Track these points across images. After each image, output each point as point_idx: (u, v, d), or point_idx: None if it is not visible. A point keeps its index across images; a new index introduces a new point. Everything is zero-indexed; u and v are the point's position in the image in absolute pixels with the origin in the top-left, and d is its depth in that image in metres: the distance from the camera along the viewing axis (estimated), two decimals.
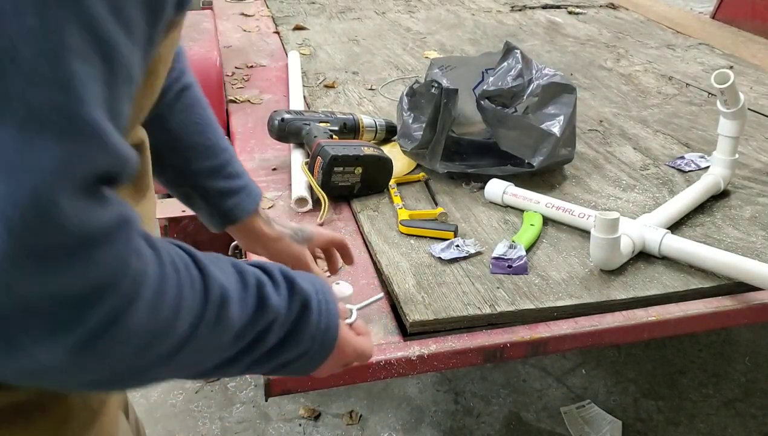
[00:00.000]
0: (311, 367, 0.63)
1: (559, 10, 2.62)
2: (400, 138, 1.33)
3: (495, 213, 1.18)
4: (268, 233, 0.84)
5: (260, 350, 0.56)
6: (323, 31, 2.27)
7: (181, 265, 0.48)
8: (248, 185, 0.83)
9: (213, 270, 0.51)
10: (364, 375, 0.85)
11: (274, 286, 0.57)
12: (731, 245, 1.10)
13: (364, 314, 0.93)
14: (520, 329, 0.91)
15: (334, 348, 0.63)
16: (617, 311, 0.95)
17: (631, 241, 1.03)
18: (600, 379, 2.08)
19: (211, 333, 0.50)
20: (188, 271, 0.49)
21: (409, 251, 1.06)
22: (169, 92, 0.77)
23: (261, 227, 0.84)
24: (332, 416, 1.93)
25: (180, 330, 0.47)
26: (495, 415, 1.95)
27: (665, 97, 1.77)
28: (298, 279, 0.61)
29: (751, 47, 2.20)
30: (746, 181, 1.31)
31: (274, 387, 0.82)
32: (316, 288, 0.62)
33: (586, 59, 2.06)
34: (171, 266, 0.47)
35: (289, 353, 0.60)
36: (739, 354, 2.20)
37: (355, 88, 1.77)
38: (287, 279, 0.59)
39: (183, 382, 2.05)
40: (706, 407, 1.99)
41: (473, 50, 2.10)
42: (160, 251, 0.47)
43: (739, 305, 0.98)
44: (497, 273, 1.01)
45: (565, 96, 1.28)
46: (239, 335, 0.53)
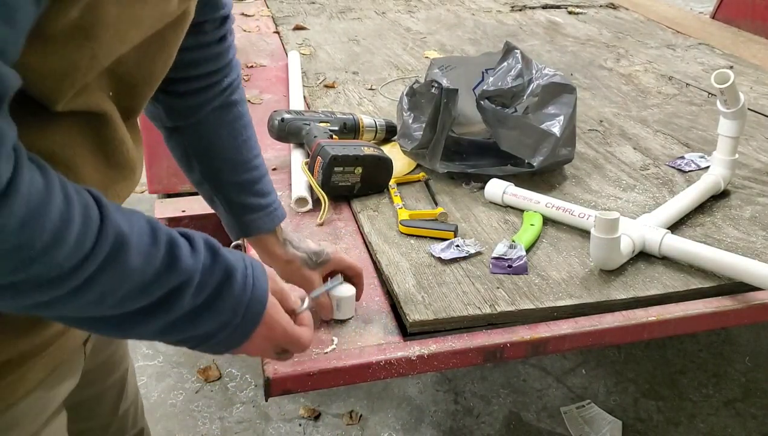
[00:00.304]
0: (234, 342, 0.64)
1: (559, 10, 2.62)
2: (400, 138, 1.33)
3: (495, 213, 1.18)
4: (280, 255, 0.87)
5: (175, 311, 0.57)
6: (323, 31, 2.27)
7: (77, 198, 0.49)
8: (272, 206, 0.87)
9: (117, 216, 0.52)
10: (364, 375, 0.85)
11: (192, 250, 0.58)
12: (731, 245, 1.10)
13: (365, 314, 0.93)
14: (520, 329, 0.91)
15: (258, 324, 0.64)
16: (617, 311, 0.95)
17: (631, 241, 1.03)
18: (600, 379, 2.08)
19: (109, 275, 0.51)
20: (85, 208, 0.49)
21: (409, 251, 1.06)
22: (215, 101, 0.81)
23: (274, 247, 0.87)
24: (332, 416, 1.93)
25: (62, 259, 0.48)
26: (495, 415, 1.95)
27: (665, 97, 1.77)
28: (225, 251, 0.61)
29: (751, 47, 2.20)
30: (746, 181, 1.31)
31: (274, 387, 0.82)
32: (246, 263, 0.63)
33: (586, 59, 2.06)
34: (61, 194, 0.48)
35: (209, 323, 0.60)
36: (739, 354, 2.20)
37: (355, 88, 1.77)
38: (210, 248, 0.60)
39: (183, 382, 2.05)
40: (706, 407, 1.99)
41: (473, 50, 2.10)
42: (50, 177, 0.48)
43: (739, 305, 0.98)
44: (497, 273, 1.01)
45: (565, 96, 1.28)
46: (146, 288, 0.54)
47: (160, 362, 2.14)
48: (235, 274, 0.61)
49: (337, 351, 0.85)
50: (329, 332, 0.89)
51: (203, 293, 0.59)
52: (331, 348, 0.86)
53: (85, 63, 0.53)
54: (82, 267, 0.49)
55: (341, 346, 0.86)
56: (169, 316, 0.57)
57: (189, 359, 2.15)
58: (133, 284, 0.53)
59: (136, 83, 0.64)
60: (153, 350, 2.19)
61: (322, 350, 0.85)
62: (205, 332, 0.61)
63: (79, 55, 0.52)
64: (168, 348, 2.19)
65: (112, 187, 0.64)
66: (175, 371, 2.10)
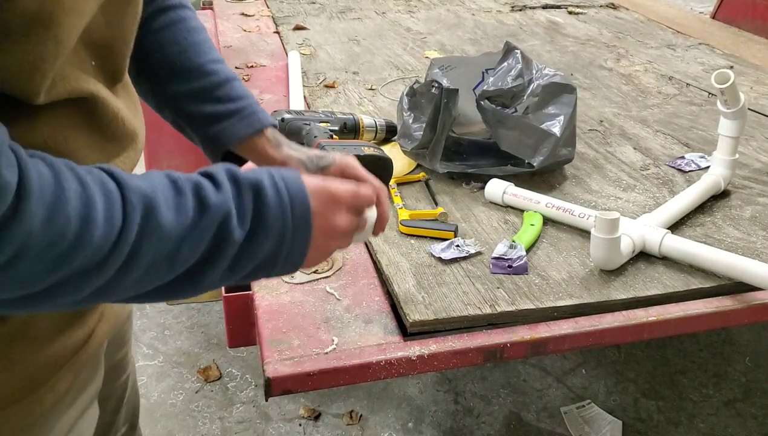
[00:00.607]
0: (300, 248, 0.61)
1: (560, 10, 2.62)
2: (400, 138, 1.33)
3: (495, 213, 1.18)
4: (273, 156, 0.79)
5: (229, 248, 0.56)
6: (323, 31, 2.27)
7: (90, 178, 0.48)
8: (246, 110, 0.79)
9: (134, 182, 0.51)
10: (364, 375, 0.86)
11: (216, 186, 0.56)
12: (731, 245, 1.10)
13: (365, 314, 0.93)
14: (520, 329, 0.91)
15: (310, 218, 0.60)
16: (617, 311, 0.95)
17: (632, 241, 1.03)
18: (600, 379, 2.08)
19: (149, 239, 0.50)
20: (102, 184, 0.49)
21: (409, 251, 1.06)
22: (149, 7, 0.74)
23: (266, 150, 0.79)
24: (332, 416, 1.93)
25: (98, 240, 0.47)
26: (495, 415, 1.95)
27: (665, 97, 1.77)
28: (247, 173, 0.59)
29: (751, 47, 2.20)
30: (746, 181, 1.31)
31: (274, 387, 0.82)
32: (271, 172, 0.60)
33: (587, 59, 2.06)
34: (74, 178, 0.47)
35: (266, 242, 0.58)
36: (740, 354, 2.20)
37: (355, 88, 1.77)
38: (231, 176, 0.58)
39: (183, 382, 2.05)
40: (706, 407, 1.99)
41: (473, 50, 2.10)
42: (57, 166, 0.47)
43: (740, 305, 0.98)
44: (497, 273, 1.01)
45: (565, 96, 1.28)
46: (190, 239, 0.53)
47: (160, 362, 2.14)
48: (263, 186, 0.58)
49: (337, 351, 0.86)
50: (329, 332, 0.89)
51: (245, 219, 0.56)
52: (331, 348, 0.86)
53: (52, 51, 0.51)
54: (120, 241, 0.49)
55: (341, 346, 0.86)
56: (226, 256, 0.56)
57: (189, 359, 2.15)
58: (176, 240, 0.52)
59: (112, 43, 0.61)
60: (153, 350, 2.19)
61: (322, 350, 0.85)
62: (268, 255, 0.59)
63: (44, 45, 0.50)
64: (168, 348, 2.19)
65: (114, 161, 0.63)
66: (175, 371, 2.10)
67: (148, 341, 2.22)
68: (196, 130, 0.78)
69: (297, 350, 0.86)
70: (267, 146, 0.79)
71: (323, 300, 0.95)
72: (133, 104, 0.67)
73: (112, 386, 0.88)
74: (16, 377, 0.61)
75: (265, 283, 0.98)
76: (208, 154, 0.81)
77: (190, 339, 2.24)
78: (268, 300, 0.95)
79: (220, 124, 0.77)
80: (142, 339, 2.23)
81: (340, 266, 1.03)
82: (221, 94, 0.78)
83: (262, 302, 0.95)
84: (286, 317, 0.92)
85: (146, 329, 2.27)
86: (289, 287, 0.98)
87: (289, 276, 0.99)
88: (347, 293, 0.97)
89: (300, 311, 0.93)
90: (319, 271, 1.01)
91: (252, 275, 0.60)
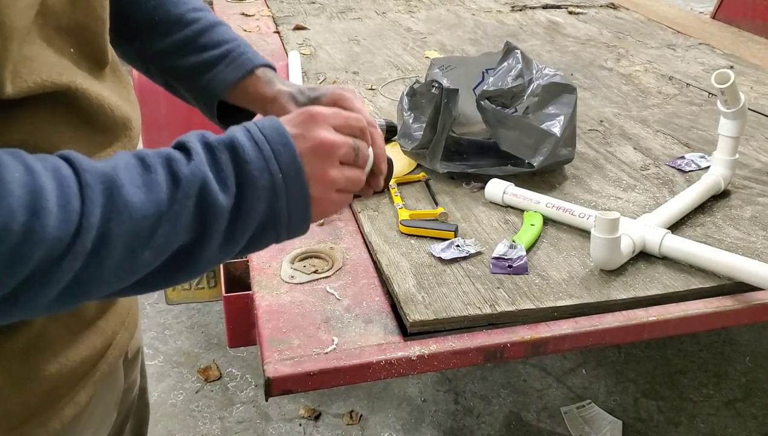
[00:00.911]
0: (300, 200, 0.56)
1: (560, 10, 2.62)
2: (400, 138, 1.33)
3: (495, 213, 1.18)
4: (265, 94, 0.74)
5: (219, 220, 0.51)
6: (323, 31, 2.27)
7: (41, 165, 0.45)
8: (233, 53, 0.74)
9: (94, 164, 0.47)
10: (364, 375, 0.86)
11: (187, 155, 0.52)
12: (732, 245, 1.10)
13: (365, 314, 0.93)
14: (521, 329, 0.91)
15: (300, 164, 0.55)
16: (617, 311, 0.95)
17: (632, 241, 1.03)
18: (600, 379, 2.08)
19: (118, 222, 0.46)
20: (55, 171, 0.45)
21: (409, 251, 1.06)
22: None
23: (257, 89, 0.75)
24: (332, 416, 1.93)
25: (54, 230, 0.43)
26: (495, 415, 1.95)
27: (665, 97, 1.77)
28: (216, 136, 0.54)
29: (751, 47, 2.20)
30: (747, 181, 1.31)
31: (275, 387, 0.82)
32: (242, 126, 0.55)
33: (587, 59, 2.06)
34: (18, 167, 0.43)
35: (258, 203, 0.54)
36: (740, 354, 2.20)
37: (356, 88, 1.77)
38: (203, 141, 0.53)
39: (183, 381, 2.05)
40: (706, 407, 1.99)
41: (473, 50, 2.10)
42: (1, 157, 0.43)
43: (740, 305, 0.98)
44: (497, 273, 1.01)
45: (565, 96, 1.28)
46: (166, 219, 0.49)
47: (160, 362, 2.14)
48: (238, 142, 0.54)
49: (338, 351, 0.86)
50: (329, 332, 0.89)
51: (226, 182, 0.52)
52: (331, 348, 0.86)
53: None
54: (83, 228, 0.45)
55: (341, 346, 0.86)
56: (217, 226, 0.52)
57: (189, 359, 2.15)
58: (152, 219, 0.48)
59: (87, 24, 0.57)
60: (153, 350, 2.19)
61: (322, 350, 0.85)
62: (266, 216, 0.54)
63: None
64: (168, 348, 2.19)
65: (106, 152, 0.59)
66: (175, 371, 2.10)
67: (148, 341, 2.22)
68: (187, 86, 0.74)
69: (297, 350, 0.86)
70: (258, 86, 0.74)
71: (323, 300, 0.95)
72: (124, 89, 0.64)
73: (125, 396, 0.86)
74: (33, 392, 0.58)
75: (265, 283, 0.98)
76: (206, 112, 0.76)
77: (190, 339, 2.24)
78: (268, 300, 0.95)
79: (209, 72, 0.73)
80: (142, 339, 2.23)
81: (340, 266, 1.03)
82: (205, 41, 0.74)
83: (262, 302, 0.95)
84: (286, 317, 0.92)
85: (146, 329, 2.27)
86: (289, 287, 0.98)
87: (288, 276, 0.99)
88: (347, 293, 0.97)
89: (300, 311, 0.93)
90: (319, 271, 1.01)
91: (257, 241, 0.56)
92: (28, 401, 0.58)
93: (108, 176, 0.47)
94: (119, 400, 0.74)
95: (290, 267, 1.02)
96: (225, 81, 0.74)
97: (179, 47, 0.73)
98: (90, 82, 0.57)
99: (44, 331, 0.58)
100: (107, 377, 0.67)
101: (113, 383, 0.71)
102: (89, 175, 0.46)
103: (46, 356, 0.59)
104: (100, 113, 0.58)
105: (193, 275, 0.54)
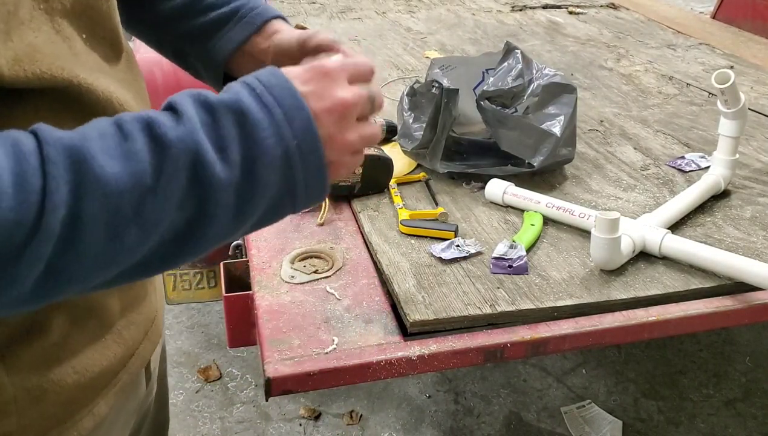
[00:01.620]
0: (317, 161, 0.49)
1: (560, 10, 2.62)
2: (400, 138, 1.33)
3: (495, 213, 1.18)
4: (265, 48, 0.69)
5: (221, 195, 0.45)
6: (324, 31, 2.27)
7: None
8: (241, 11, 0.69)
9: (61, 134, 0.42)
10: (364, 375, 0.86)
11: (176, 118, 0.45)
12: (732, 245, 1.10)
13: (365, 313, 0.93)
14: (521, 329, 0.91)
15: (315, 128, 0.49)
16: (617, 311, 0.95)
17: (632, 241, 1.03)
18: (600, 379, 2.08)
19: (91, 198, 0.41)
20: (14, 146, 0.40)
21: (409, 251, 1.06)
22: None
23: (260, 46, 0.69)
24: (332, 416, 1.93)
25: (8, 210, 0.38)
26: (495, 415, 1.95)
27: (666, 97, 1.77)
28: (221, 95, 0.48)
29: (751, 47, 2.20)
30: (747, 181, 1.31)
31: (275, 387, 0.82)
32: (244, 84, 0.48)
33: (587, 59, 2.06)
34: None
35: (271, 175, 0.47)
36: (740, 354, 2.20)
37: None
38: (200, 101, 0.46)
39: (183, 381, 2.05)
40: (706, 407, 1.99)
41: (473, 50, 2.10)
42: None
43: (740, 305, 0.98)
44: (497, 273, 1.01)
45: (565, 96, 1.28)
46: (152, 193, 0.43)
47: None
48: (243, 103, 0.47)
49: (338, 351, 0.86)
50: (329, 332, 0.89)
51: (228, 151, 0.45)
52: (331, 348, 0.86)
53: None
54: (45, 209, 0.39)
55: (341, 346, 0.86)
56: (219, 204, 0.45)
57: (189, 359, 2.15)
58: (135, 193, 0.42)
59: (94, 5, 0.53)
60: None
61: (322, 350, 0.85)
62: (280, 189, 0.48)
63: None
64: (168, 348, 2.18)
65: None
66: (175, 371, 2.10)
67: None
68: (197, 54, 0.68)
69: (297, 350, 0.86)
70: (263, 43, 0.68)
71: (323, 300, 0.95)
72: (136, 82, 0.60)
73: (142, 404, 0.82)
74: (51, 403, 0.56)
75: (265, 283, 0.99)
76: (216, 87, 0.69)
77: (191, 339, 2.24)
78: (268, 300, 0.95)
79: (218, 33, 0.68)
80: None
81: (340, 266, 1.03)
82: (205, 4, 0.69)
83: (262, 302, 0.95)
84: (286, 317, 0.92)
85: None
86: (290, 287, 0.98)
87: (289, 276, 1.00)
88: (347, 293, 0.97)
89: (300, 311, 0.93)
90: (319, 271, 1.01)
91: (271, 215, 0.50)
92: (45, 413, 0.56)
93: (75, 149, 0.41)
94: (137, 409, 0.73)
95: (290, 267, 1.02)
96: (233, 39, 0.68)
97: (185, 9, 0.69)
98: (96, 76, 0.53)
99: (64, 340, 0.56)
100: (128, 387, 0.65)
101: (134, 393, 0.69)
102: (52, 149, 0.40)
103: (64, 367, 0.56)
104: (108, 110, 0.53)
105: (199, 254, 0.48)
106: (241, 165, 0.46)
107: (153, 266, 0.47)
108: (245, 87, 0.48)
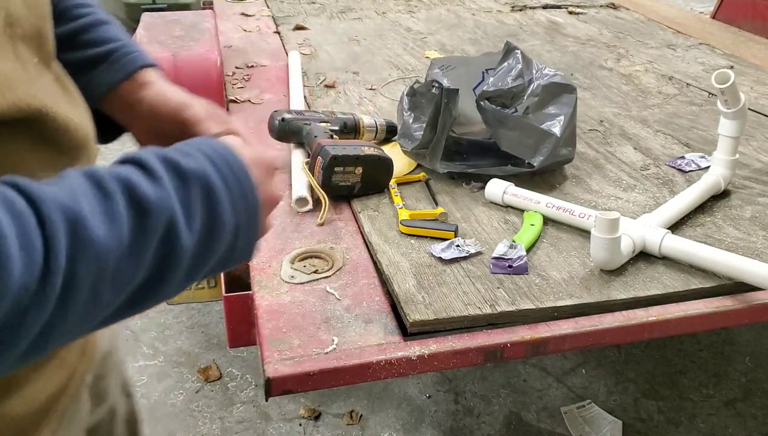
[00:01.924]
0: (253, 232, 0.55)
1: (560, 10, 2.62)
2: (400, 138, 1.33)
3: (495, 213, 1.18)
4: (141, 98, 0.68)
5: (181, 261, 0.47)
6: (324, 31, 2.27)
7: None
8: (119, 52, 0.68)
9: (49, 192, 0.41)
10: (364, 375, 0.86)
11: (152, 179, 0.46)
12: (732, 245, 1.10)
13: (365, 313, 0.93)
14: (521, 329, 0.91)
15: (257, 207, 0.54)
16: (617, 311, 0.95)
17: (632, 241, 1.03)
18: (600, 379, 2.08)
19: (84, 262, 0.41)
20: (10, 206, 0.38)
21: (409, 251, 1.06)
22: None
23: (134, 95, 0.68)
24: (332, 416, 1.93)
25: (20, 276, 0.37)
26: (495, 415, 1.95)
27: (666, 97, 1.77)
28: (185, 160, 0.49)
29: (751, 47, 2.20)
30: (747, 181, 1.31)
31: (275, 387, 0.82)
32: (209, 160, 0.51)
33: (587, 59, 2.06)
34: None
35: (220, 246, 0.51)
36: (740, 354, 2.20)
37: (356, 88, 1.77)
38: (170, 164, 0.48)
39: (183, 381, 2.05)
40: (706, 407, 1.99)
41: (473, 50, 2.10)
42: None
43: (740, 305, 0.98)
44: (497, 273, 1.01)
45: (565, 96, 1.28)
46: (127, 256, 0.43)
47: (160, 362, 2.14)
48: (211, 180, 0.50)
49: (338, 351, 0.86)
50: (329, 332, 0.89)
51: (192, 220, 0.48)
52: (331, 348, 0.86)
53: None
54: (49, 271, 0.39)
55: (341, 346, 0.86)
56: (178, 266, 0.47)
57: (189, 359, 2.15)
58: (115, 256, 0.42)
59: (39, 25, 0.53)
60: (153, 350, 2.19)
61: (322, 350, 0.85)
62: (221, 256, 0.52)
63: None
64: (168, 348, 2.19)
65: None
66: (175, 371, 2.10)
67: (148, 341, 2.22)
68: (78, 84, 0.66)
69: (297, 350, 0.86)
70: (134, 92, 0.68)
71: (323, 300, 0.95)
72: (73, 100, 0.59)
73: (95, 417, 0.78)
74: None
75: (265, 283, 0.98)
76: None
77: (191, 339, 2.24)
78: (268, 300, 0.95)
79: (92, 72, 0.67)
80: (142, 339, 2.23)
81: (340, 266, 1.03)
82: (88, 38, 0.68)
83: (262, 302, 0.95)
84: (286, 317, 0.92)
85: (146, 328, 2.27)
86: (289, 287, 0.98)
87: (289, 276, 0.99)
88: (347, 293, 0.97)
89: (300, 311, 0.93)
90: (319, 271, 1.01)
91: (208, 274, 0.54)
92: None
93: (69, 209, 0.41)
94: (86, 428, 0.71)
95: (290, 267, 1.02)
96: (102, 84, 0.68)
97: (67, 39, 0.67)
98: (55, 100, 0.53)
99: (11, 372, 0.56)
100: (68, 409, 0.64)
101: (75, 414, 0.67)
102: (49, 209, 0.40)
103: (14, 398, 0.55)
104: (66, 135, 0.53)
105: (149, 308, 0.50)
106: (200, 234, 0.49)
107: (106, 322, 0.47)
108: (207, 159, 0.51)
